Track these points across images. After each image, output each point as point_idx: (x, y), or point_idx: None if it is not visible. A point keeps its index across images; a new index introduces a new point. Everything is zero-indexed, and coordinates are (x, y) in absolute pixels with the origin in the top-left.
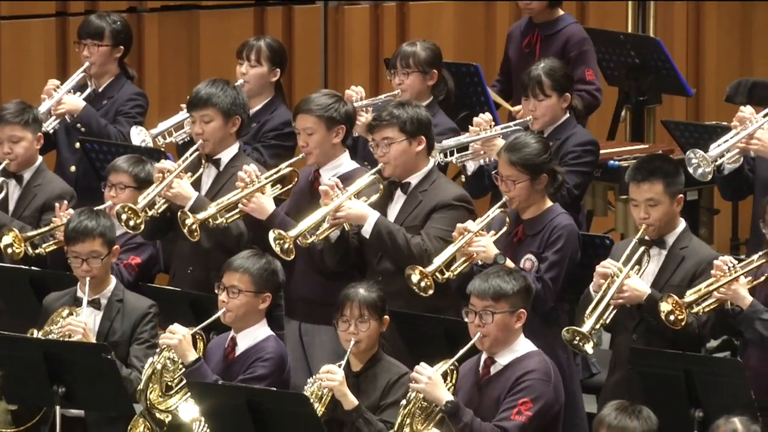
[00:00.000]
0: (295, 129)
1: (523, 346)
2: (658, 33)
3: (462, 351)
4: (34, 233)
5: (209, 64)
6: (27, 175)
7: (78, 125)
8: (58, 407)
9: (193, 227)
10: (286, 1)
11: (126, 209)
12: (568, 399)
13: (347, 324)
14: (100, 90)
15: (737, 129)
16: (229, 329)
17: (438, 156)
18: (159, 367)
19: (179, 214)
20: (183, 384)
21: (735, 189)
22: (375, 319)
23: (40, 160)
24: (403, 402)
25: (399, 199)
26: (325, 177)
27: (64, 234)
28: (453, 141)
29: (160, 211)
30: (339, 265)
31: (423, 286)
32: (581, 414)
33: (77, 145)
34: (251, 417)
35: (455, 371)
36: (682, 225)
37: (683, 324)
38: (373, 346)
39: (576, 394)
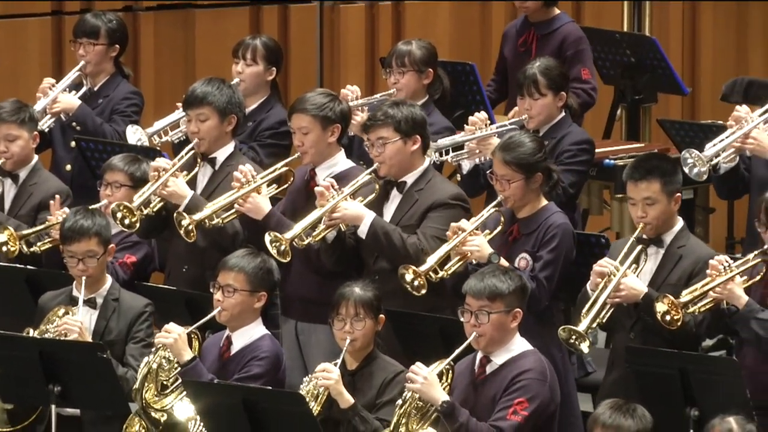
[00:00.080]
0: (291, 128)
1: (519, 345)
2: (653, 32)
3: (458, 351)
4: (29, 231)
5: (205, 62)
6: (23, 174)
7: (73, 124)
8: (53, 406)
9: (190, 228)
10: (281, 0)
11: (121, 208)
12: (563, 398)
13: (343, 323)
14: (95, 89)
15: (733, 128)
16: (225, 328)
17: (433, 155)
18: (154, 366)
19: (175, 215)
20: (178, 383)
21: (731, 188)
22: (370, 318)
23: (35, 159)
24: (399, 401)
25: (395, 199)
26: (321, 176)
27: (59, 233)
28: (448, 140)
29: (155, 210)
30: (336, 265)
31: (416, 285)
32: (576, 413)
33: (72, 144)
34: (247, 416)
35: (451, 371)
36: (679, 224)
37: (680, 324)
38: (369, 344)
39: (571, 392)
